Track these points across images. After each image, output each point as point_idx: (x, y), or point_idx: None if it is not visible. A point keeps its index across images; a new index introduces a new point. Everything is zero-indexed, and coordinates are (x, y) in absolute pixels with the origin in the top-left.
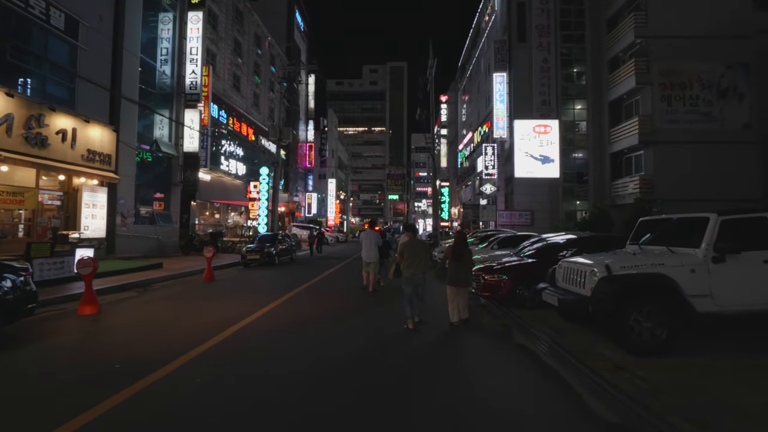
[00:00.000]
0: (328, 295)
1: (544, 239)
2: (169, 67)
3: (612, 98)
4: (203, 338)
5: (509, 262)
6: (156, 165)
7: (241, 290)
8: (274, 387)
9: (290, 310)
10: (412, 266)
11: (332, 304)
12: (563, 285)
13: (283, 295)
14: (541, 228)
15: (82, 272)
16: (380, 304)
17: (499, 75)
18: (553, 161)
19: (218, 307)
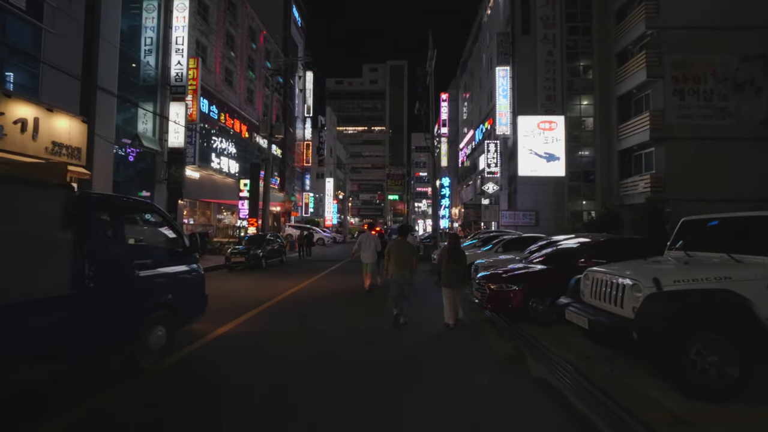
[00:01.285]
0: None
1: (555, 242)
2: (153, 58)
3: (620, 93)
4: None
5: (519, 269)
6: (139, 161)
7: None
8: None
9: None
10: (398, 267)
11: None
12: (592, 301)
13: (254, 309)
14: (546, 229)
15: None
16: (371, 313)
17: (501, 69)
18: (558, 159)
19: None
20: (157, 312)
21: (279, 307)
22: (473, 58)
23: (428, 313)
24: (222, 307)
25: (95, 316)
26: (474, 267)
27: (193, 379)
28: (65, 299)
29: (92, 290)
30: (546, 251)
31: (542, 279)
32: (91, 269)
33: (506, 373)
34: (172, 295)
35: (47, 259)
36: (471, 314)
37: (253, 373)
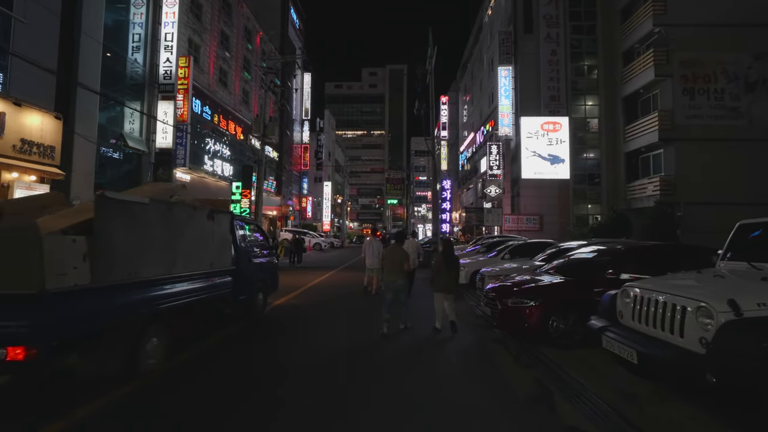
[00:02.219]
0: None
1: (568, 249)
2: (141, 55)
3: (627, 93)
4: None
5: (533, 280)
6: (124, 162)
7: None
8: None
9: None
10: (390, 273)
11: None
12: (635, 325)
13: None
14: (550, 234)
15: None
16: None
17: (504, 69)
18: (563, 161)
19: None
20: (259, 284)
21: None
22: (473, 59)
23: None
24: None
25: (238, 281)
26: (479, 276)
27: (275, 319)
28: (230, 271)
29: (237, 268)
30: (562, 260)
31: (564, 294)
32: (236, 256)
33: (531, 422)
34: (265, 275)
35: (227, 250)
36: (478, 331)
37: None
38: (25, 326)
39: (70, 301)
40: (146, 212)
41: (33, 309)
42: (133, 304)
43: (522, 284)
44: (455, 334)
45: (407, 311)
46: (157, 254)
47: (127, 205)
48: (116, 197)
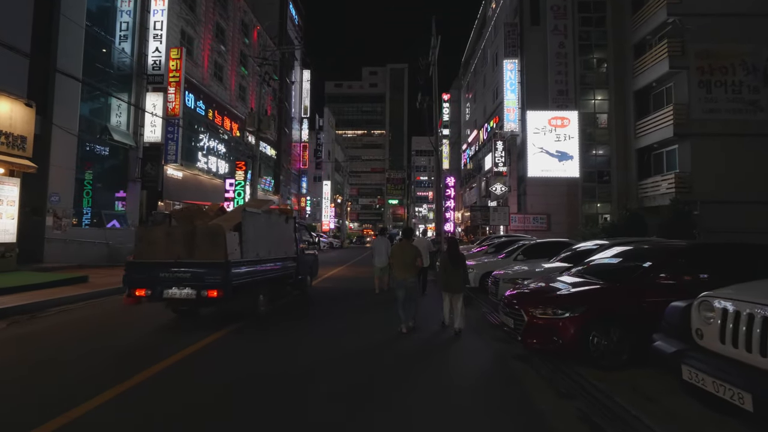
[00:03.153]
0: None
1: (591, 249)
2: (129, 44)
3: (638, 87)
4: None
5: (566, 286)
6: (110, 157)
7: (161, 320)
8: None
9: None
10: (401, 270)
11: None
12: (730, 352)
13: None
14: (558, 234)
15: None
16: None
17: (509, 62)
18: (571, 158)
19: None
20: (308, 269)
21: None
22: (477, 55)
23: (445, 347)
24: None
25: (298, 265)
26: (492, 280)
27: (317, 293)
28: (294, 258)
29: (298, 257)
30: (589, 261)
31: (606, 303)
32: (297, 249)
33: None
34: (311, 263)
35: (292, 243)
36: (496, 346)
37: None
38: (218, 279)
39: (235, 268)
40: (259, 218)
41: (221, 270)
42: (256, 272)
43: (551, 291)
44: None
45: (413, 311)
46: (264, 243)
47: (253, 214)
48: (250, 211)
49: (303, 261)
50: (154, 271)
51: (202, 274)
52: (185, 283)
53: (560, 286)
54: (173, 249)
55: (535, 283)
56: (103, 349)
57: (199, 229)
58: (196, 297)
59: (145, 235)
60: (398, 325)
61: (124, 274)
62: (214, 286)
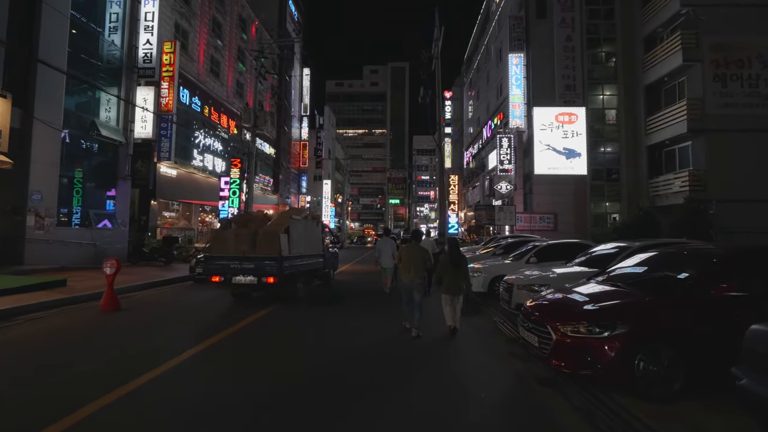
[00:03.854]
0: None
1: (612, 252)
2: (119, 36)
3: (649, 81)
4: None
5: (600, 296)
6: (99, 154)
7: (136, 337)
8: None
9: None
10: (409, 272)
11: None
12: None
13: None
14: (566, 234)
15: None
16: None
17: (515, 56)
18: (579, 155)
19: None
20: (331, 264)
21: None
22: (479, 52)
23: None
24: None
25: (324, 261)
26: (504, 285)
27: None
28: (321, 254)
29: (324, 253)
30: (626, 266)
31: (655, 318)
32: (323, 246)
33: None
34: (333, 260)
35: (319, 243)
36: (515, 366)
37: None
38: (275, 269)
39: (285, 261)
40: (300, 224)
41: (277, 263)
42: (298, 265)
43: (582, 303)
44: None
45: (419, 316)
46: (303, 243)
47: (297, 220)
48: (295, 218)
49: (327, 257)
50: (225, 263)
51: (263, 265)
52: (249, 272)
53: (591, 296)
54: (240, 247)
55: (560, 293)
56: (60, 370)
57: (260, 232)
58: (257, 283)
59: (218, 236)
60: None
61: (204, 266)
62: (271, 275)
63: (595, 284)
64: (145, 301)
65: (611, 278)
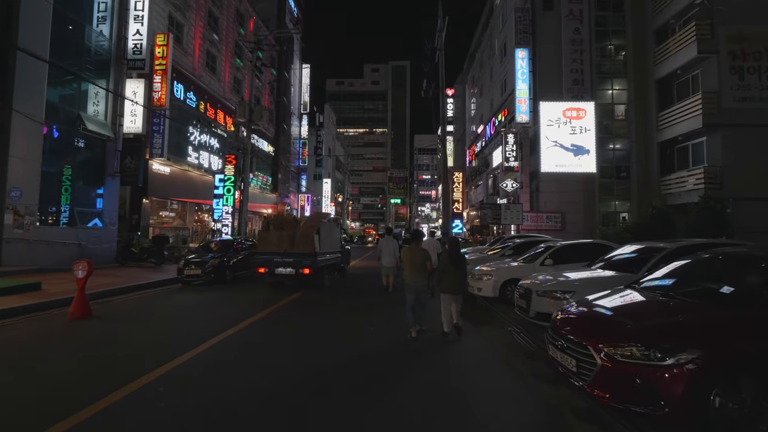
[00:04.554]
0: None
1: (638, 254)
2: (107, 26)
3: (660, 75)
4: None
5: (651, 309)
6: (86, 149)
7: (91, 354)
8: None
9: None
10: (412, 274)
11: None
12: None
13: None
14: (575, 234)
15: None
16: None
17: (521, 50)
18: (588, 152)
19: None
20: (345, 259)
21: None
22: (483, 48)
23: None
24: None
25: (341, 257)
26: (520, 291)
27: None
28: (339, 251)
29: (341, 250)
30: (670, 271)
31: (736, 340)
32: (340, 244)
33: None
34: (347, 256)
35: (337, 241)
36: (543, 391)
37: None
38: (310, 262)
39: (318, 256)
40: (327, 225)
41: (312, 258)
42: (326, 260)
43: (630, 316)
44: (460, 336)
45: (423, 312)
46: (329, 242)
47: (324, 223)
48: (324, 221)
49: (343, 253)
50: (269, 258)
51: (300, 259)
52: (289, 265)
53: (638, 309)
54: (282, 245)
55: (596, 303)
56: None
57: (298, 233)
58: (295, 273)
59: (264, 236)
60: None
61: (252, 259)
62: (307, 267)
63: (637, 293)
64: (123, 307)
65: (657, 287)
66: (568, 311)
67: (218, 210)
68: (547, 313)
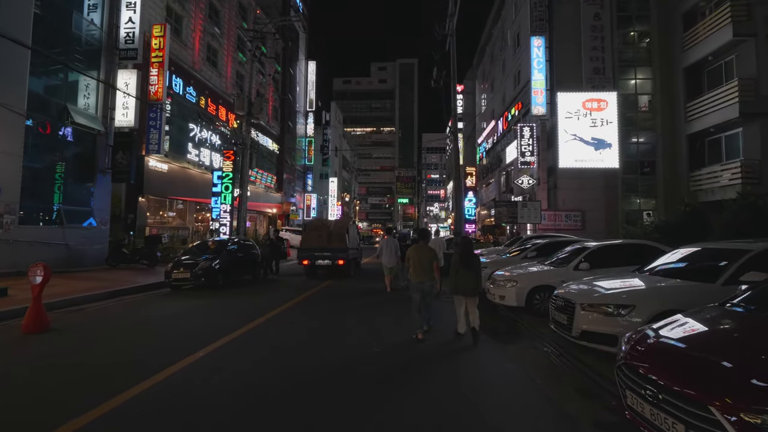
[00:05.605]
0: None
1: (696, 256)
2: (98, 15)
3: (689, 63)
4: None
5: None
6: (75, 144)
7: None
8: None
9: None
10: (417, 274)
11: None
12: None
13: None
14: (595, 234)
15: None
16: None
17: (536, 38)
18: (609, 146)
19: None
20: (360, 256)
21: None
22: (493, 40)
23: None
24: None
25: (356, 253)
26: (559, 303)
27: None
28: (358, 248)
29: (358, 248)
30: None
31: None
32: (357, 242)
33: None
34: (361, 252)
35: (355, 239)
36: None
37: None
38: (343, 255)
39: (348, 250)
40: (351, 226)
41: (344, 251)
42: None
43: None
44: (476, 345)
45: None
46: (353, 239)
47: (350, 225)
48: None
49: (360, 250)
50: (311, 252)
51: (335, 253)
52: (327, 257)
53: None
54: (321, 242)
55: (698, 332)
56: None
57: (333, 232)
58: (331, 264)
59: (306, 236)
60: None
61: (298, 253)
62: (341, 258)
63: (749, 317)
64: (93, 316)
65: None
66: (651, 340)
67: (216, 208)
68: (599, 334)
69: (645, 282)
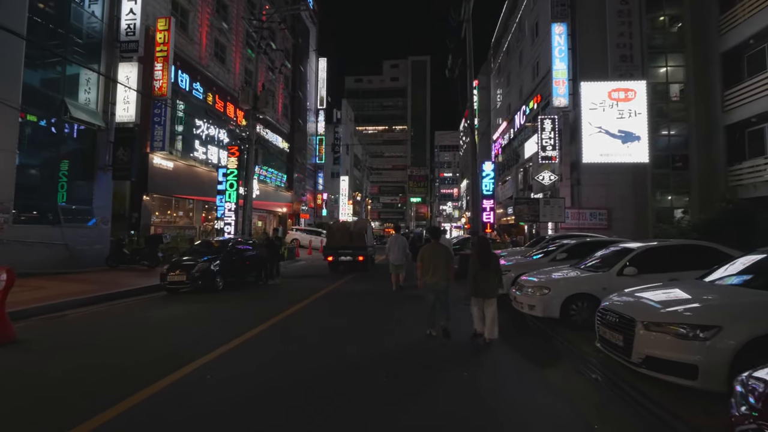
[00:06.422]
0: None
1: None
2: (99, 6)
3: (727, 47)
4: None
5: None
6: (74, 140)
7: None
8: None
9: None
10: (432, 274)
11: None
12: None
13: None
14: (622, 233)
15: None
16: None
17: (558, 25)
18: (638, 139)
19: None
20: (374, 253)
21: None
22: (510, 32)
23: None
24: None
25: (372, 251)
26: (612, 319)
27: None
28: (373, 246)
29: (373, 246)
30: None
31: None
32: (369, 240)
33: None
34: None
35: (371, 238)
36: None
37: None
38: (363, 252)
39: (367, 248)
40: (369, 226)
41: (364, 249)
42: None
43: None
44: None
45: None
46: (370, 238)
47: (369, 224)
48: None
49: (374, 248)
50: (335, 249)
51: (356, 250)
52: (348, 254)
53: None
54: (343, 240)
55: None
56: None
57: (354, 232)
58: (352, 260)
59: (330, 236)
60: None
61: (324, 250)
62: (361, 255)
63: None
64: (70, 325)
65: None
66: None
67: (221, 207)
68: (671, 362)
69: (722, 294)
